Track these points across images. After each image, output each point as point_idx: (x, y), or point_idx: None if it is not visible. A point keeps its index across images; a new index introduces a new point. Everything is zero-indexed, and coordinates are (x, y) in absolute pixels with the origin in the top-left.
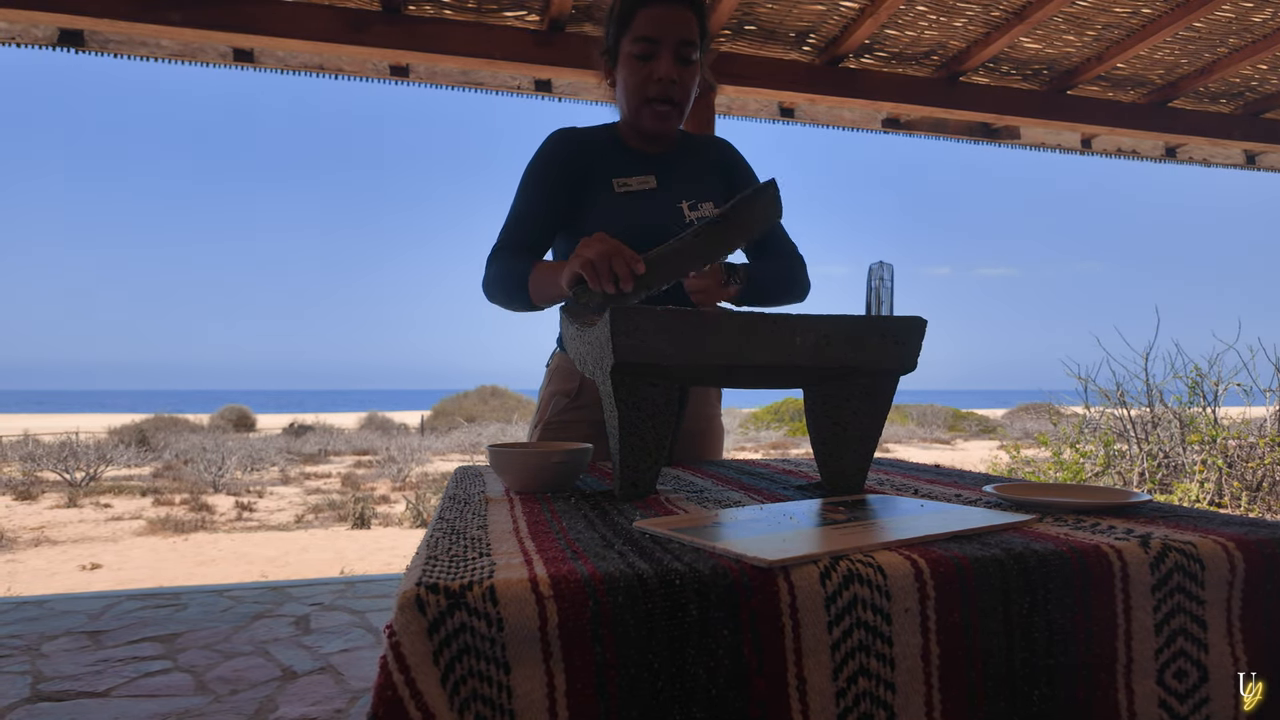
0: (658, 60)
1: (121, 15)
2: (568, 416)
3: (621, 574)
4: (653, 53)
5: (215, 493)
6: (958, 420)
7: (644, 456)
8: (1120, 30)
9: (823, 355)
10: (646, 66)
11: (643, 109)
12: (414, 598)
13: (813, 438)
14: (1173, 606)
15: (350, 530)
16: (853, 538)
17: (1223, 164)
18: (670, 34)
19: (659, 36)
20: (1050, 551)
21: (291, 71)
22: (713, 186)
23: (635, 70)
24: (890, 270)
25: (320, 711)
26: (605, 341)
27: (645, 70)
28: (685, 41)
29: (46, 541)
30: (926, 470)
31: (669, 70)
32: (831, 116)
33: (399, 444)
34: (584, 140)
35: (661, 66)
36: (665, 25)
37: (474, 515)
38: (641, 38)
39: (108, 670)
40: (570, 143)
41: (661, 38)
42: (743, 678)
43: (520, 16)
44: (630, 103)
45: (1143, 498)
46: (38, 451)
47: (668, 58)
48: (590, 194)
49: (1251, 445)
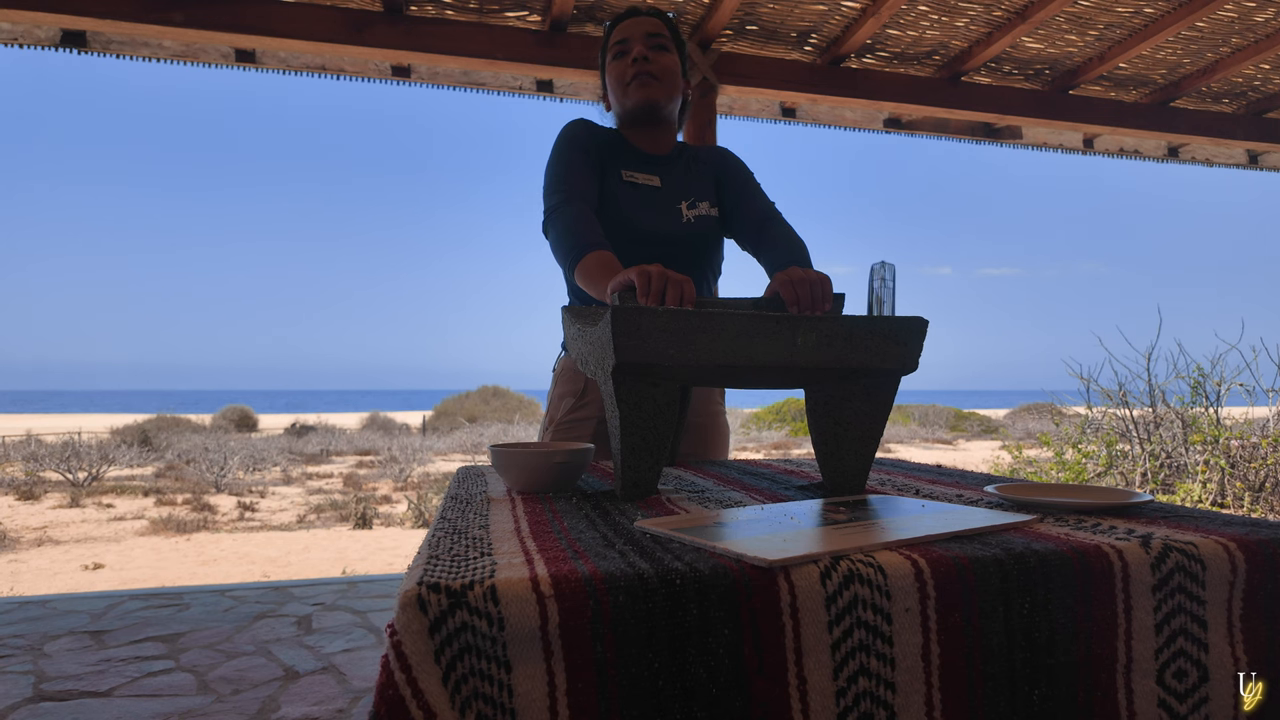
0: (630, 49)
1: (124, 16)
2: (577, 415)
3: (622, 573)
4: (627, 49)
5: (217, 493)
6: (959, 420)
7: (645, 456)
8: (1122, 30)
9: (824, 355)
10: (623, 59)
11: (626, 88)
12: (415, 597)
13: (814, 438)
14: (1173, 606)
15: (352, 530)
16: (853, 538)
17: (1225, 164)
18: (638, 30)
19: (629, 35)
20: (1051, 551)
21: (293, 72)
22: (708, 188)
23: (616, 66)
24: (892, 270)
25: (322, 711)
26: (607, 342)
27: (623, 60)
28: (652, 34)
29: (49, 541)
30: (928, 470)
31: (641, 50)
32: (833, 116)
33: (401, 444)
34: (600, 131)
35: (634, 49)
36: (633, 27)
37: (476, 515)
38: (617, 41)
39: (110, 670)
40: (591, 129)
41: (631, 34)
42: (743, 677)
43: (522, 17)
44: (617, 92)
45: (1144, 498)
46: (40, 451)
47: (639, 45)
48: (605, 178)
49: (1254, 445)
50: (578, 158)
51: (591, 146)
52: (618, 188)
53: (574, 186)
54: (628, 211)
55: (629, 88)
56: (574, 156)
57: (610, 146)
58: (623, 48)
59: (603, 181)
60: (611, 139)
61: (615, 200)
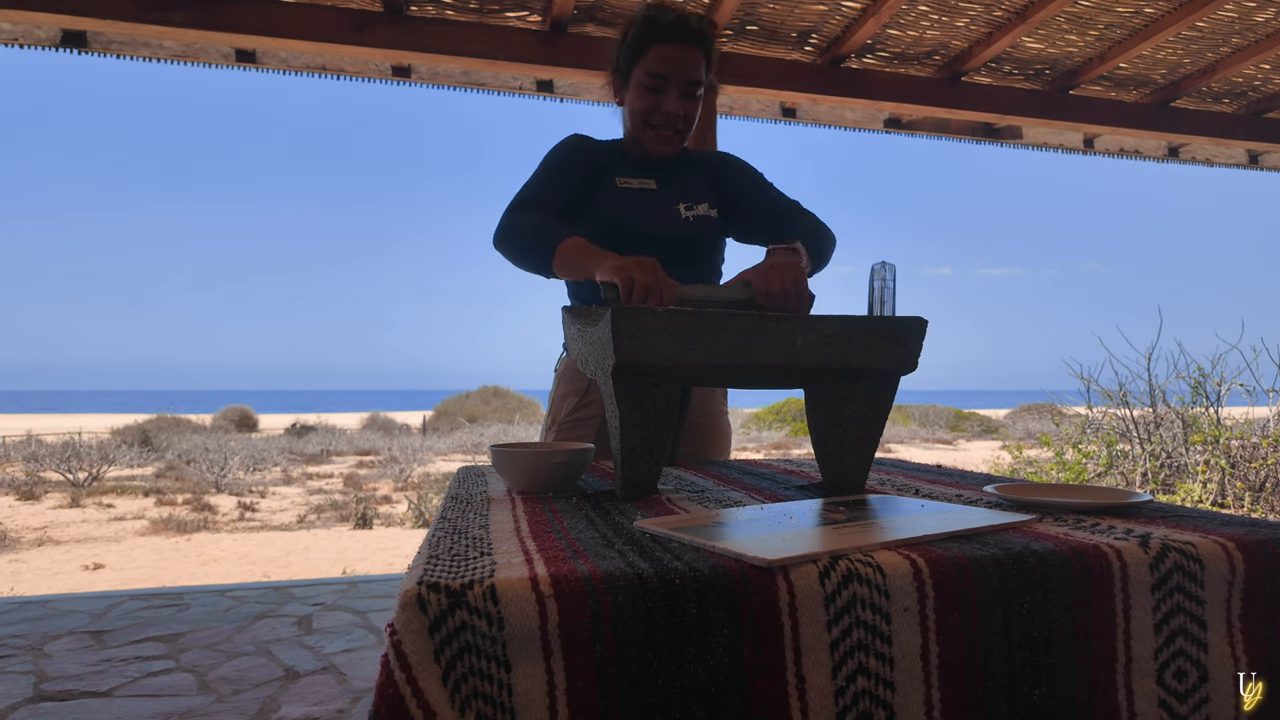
0: (665, 95)
1: (124, 16)
2: (580, 415)
3: (621, 573)
4: (661, 87)
5: (218, 493)
6: (959, 420)
7: (645, 456)
8: (1123, 30)
9: (824, 355)
10: (654, 98)
11: (647, 132)
12: (415, 597)
13: (814, 438)
14: (1172, 606)
15: (352, 530)
16: (852, 537)
17: (1226, 164)
18: (678, 73)
19: (668, 74)
20: (1050, 551)
21: (293, 72)
22: (707, 190)
23: (644, 98)
24: (892, 270)
25: (323, 711)
26: (607, 342)
27: (653, 100)
28: (692, 81)
29: (49, 541)
30: (928, 470)
31: (675, 106)
32: (833, 116)
33: (401, 444)
34: (598, 146)
35: (668, 102)
36: (675, 64)
37: (476, 515)
38: (652, 73)
39: (110, 670)
40: (587, 143)
41: (670, 74)
42: (742, 677)
43: (522, 17)
44: (636, 125)
45: (1143, 498)
46: (41, 452)
47: (674, 94)
48: (597, 189)
49: (1255, 445)
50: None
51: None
52: (613, 195)
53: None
54: (625, 214)
55: (650, 135)
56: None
57: (609, 154)
58: (657, 84)
59: (596, 192)
60: (609, 151)
61: (611, 206)
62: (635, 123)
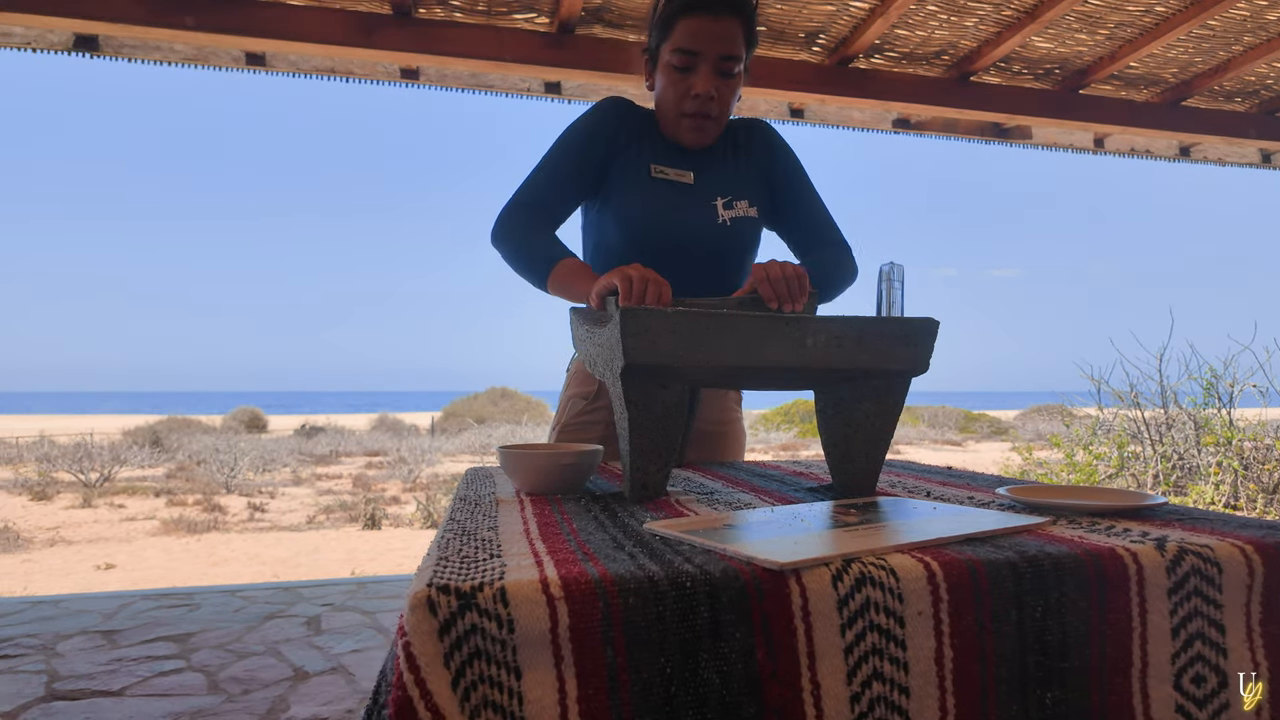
0: (696, 74)
1: (135, 20)
2: (585, 418)
3: (632, 575)
4: (692, 65)
5: (228, 493)
6: (969, 422)
7: (654, 458)
8: (1133, 29)
9: (834, 357)
10: (685, 79)
11: (680, 121)
12: (425, 599)
13: (824, 440)
14: (1190, 610)
15: (361, 531)
16: (865, 540)
17: (1238, 163)
18: (711, 47)
19: (699, 49)
20: (1064, 554)
21: (303, 75)
22: (751, 185)
23: (673, 81)
24: (901, 271)
25: (331, 711)
26: (615, 343)
27: (684, 83)
28: (726, 55)
29: (61, 541)
30: (938, 472)
31: (706, 86)
32: (841, 117)
33: (409, 445)
34: (637, 116)
35: (699, 81)
36: (706, 38)
37: (484, 516)
38: (681, 49)
39: (122, 669)
40: (622, 115)
41: (701, 50)
42: (756, 682)
43: (530, 19)
44: (667, 114)
45: (1158, 500)
46: (53, 452)
47: (706, 72)
48: (627, 172)
49: (1268, 447)
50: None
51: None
52: (643, 184)
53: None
54: (653, 211)
55: (682, 122)
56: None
57: (647, 129)
58: (688, 61)
59: (628, 171)
60: (647, 123)
61: (639, 198)
62: (667, 111)
